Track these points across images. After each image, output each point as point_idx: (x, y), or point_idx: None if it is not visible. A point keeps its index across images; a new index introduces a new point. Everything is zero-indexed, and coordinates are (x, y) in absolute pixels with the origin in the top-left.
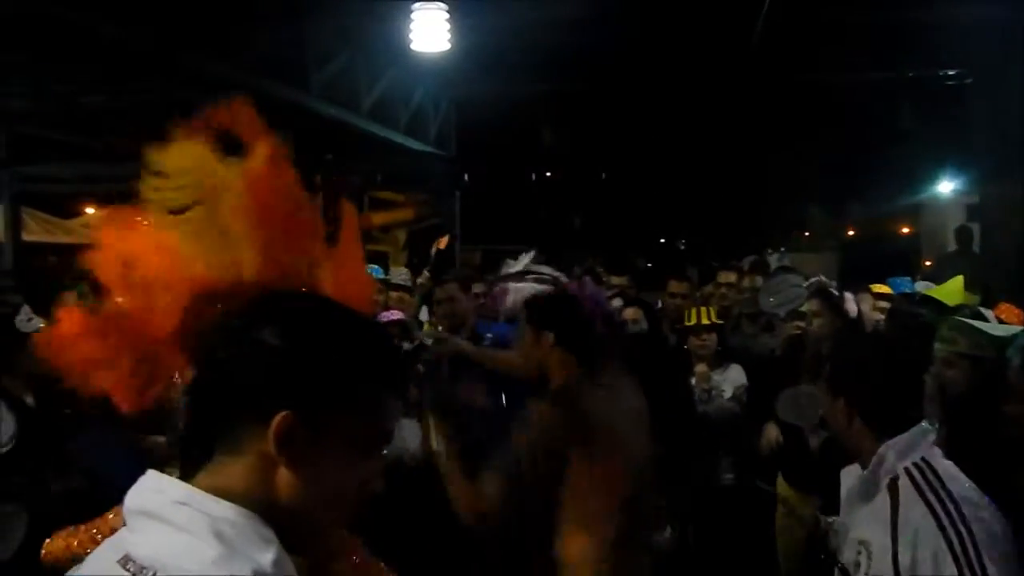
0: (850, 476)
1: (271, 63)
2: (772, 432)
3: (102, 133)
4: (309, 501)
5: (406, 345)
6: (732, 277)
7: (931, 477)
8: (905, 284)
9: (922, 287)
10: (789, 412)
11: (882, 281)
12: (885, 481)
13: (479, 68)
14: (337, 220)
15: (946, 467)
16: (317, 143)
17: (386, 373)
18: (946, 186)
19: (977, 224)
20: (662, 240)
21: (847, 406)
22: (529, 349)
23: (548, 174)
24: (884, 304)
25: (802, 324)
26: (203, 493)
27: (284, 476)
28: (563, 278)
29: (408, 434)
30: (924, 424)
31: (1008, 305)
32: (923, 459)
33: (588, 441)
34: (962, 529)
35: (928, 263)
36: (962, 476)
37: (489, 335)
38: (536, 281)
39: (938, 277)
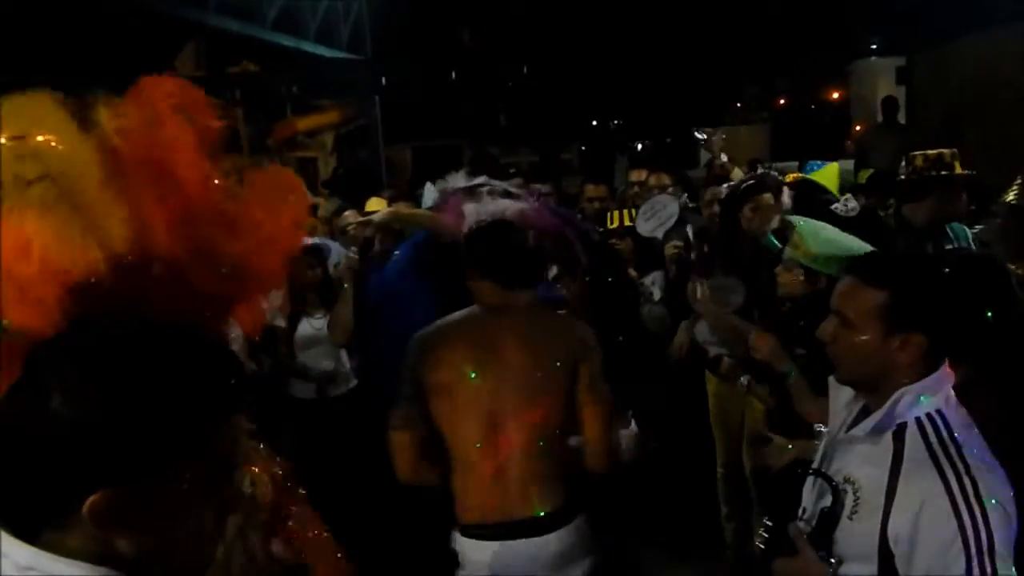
0: (843, 391)
1: None
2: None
3: None
4: (163, 552)
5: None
6: (643, 175)
7: (944, 435)
8: (816, 166)
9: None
10: (715, 298)
11: (814, 151)
12: (892, 427)
13: None
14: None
15: (959, 422)
16: (223, 59)
17: (219, 401)
18: (874, 49)
19: (904, 88)
20: (594, 123)
21: (916, 338)
22: None
23: (469, 72)
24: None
25: (679, 243)
26: (50, 556)
27: (123, 543)
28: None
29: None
30: (946, 369)
31: None
32: (938, 411)
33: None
34: (978, 515)
35: (859, 127)
36: (975, 434)
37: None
38: (495, 195)
39: (865, 151)
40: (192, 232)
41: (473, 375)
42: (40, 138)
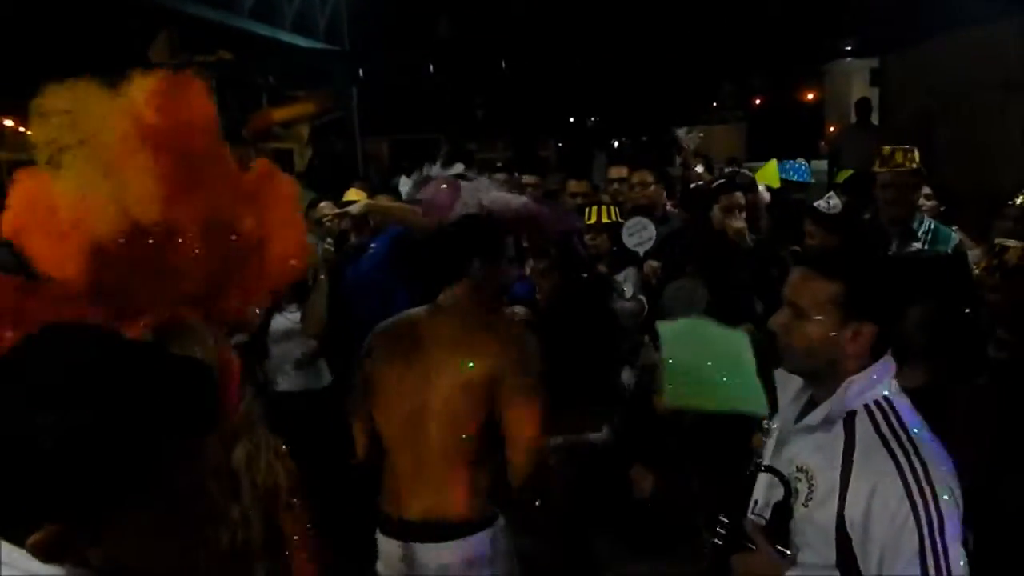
0: (790, 383)
1: None
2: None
3: None
4: (130, 566)
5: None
6: (623, 172)
7: (894, 421)
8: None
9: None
10: (677, 304)
11: (789, 150)
12: (842, 416)
13: None
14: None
15: (906, 408)
16: (198, 47)
17: (178, 428)
18: (848, 51)
19: (878, 89)
20: (571, 119)
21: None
22: None
23: (446, 66)
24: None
25: (655, 264)
26: (24, 554)
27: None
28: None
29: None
30: (889, 357)
31: None
32: (885, 398)
33: None
34: (929, 498)
35: (832, 129)
36: (921, 422)
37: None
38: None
39: (838, 152)
40: (210, 207)
41: (397, 372)
42: (80, 112)
